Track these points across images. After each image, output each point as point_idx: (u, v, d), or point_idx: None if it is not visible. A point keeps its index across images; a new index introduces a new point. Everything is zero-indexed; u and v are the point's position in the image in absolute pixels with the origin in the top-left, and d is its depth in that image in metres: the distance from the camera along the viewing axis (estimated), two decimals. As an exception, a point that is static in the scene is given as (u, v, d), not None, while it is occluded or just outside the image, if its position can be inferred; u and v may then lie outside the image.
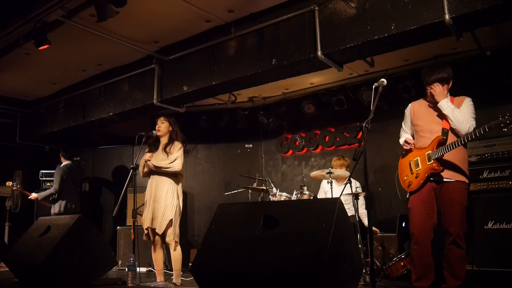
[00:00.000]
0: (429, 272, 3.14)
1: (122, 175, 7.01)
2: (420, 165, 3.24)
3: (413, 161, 3.31)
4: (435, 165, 3.13)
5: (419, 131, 3.35)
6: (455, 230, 3.07)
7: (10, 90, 6.54)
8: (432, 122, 3.26)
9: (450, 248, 3.09)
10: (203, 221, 6.82)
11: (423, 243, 3.15)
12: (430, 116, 3.28)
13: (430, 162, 3.16)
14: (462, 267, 3.09)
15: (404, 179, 3.37)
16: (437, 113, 3.25)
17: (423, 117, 3.33)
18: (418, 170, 3.24)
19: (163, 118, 4.38)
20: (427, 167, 3.18)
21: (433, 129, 3.24)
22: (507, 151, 4.23)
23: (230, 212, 2.72)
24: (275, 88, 6.14)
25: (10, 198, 6.89)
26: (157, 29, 4.75)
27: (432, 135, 3.22)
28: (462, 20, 3.35)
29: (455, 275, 3.08)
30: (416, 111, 3.39)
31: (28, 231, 4.18)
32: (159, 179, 4.21)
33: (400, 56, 5.04)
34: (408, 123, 3.49)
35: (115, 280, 4.48)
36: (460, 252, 3.08)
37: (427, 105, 3.35)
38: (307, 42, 4.10)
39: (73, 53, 5.25)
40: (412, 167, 3.31)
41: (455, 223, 3.07)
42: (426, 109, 3.34)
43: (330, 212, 2.28)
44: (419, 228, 3.18)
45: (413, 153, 3.34)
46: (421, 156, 3.25)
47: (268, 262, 2.26)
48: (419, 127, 3.35)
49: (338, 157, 5.43)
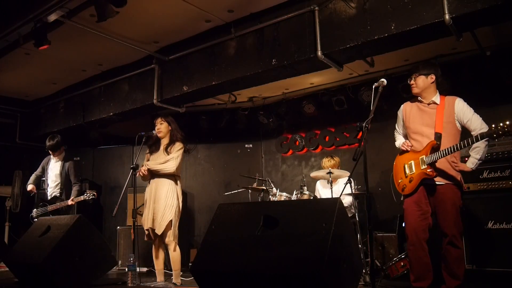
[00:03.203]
0: (427, 272, 3.14)
1: (122, 175, 7.01)
2: (414, 169, 3.24)
3: (407, 164, 3.31)
4: (429, 171, 3.13)
5: (411, 133, 3.35)
6: (450, 231, 3.07)
7: (10, 90, 6.54)
8: (423, 124, 3.26)
9: (447, 249, 3.10)
10: (203, 221, 6.82)
11: (418, 244, 3.17)
12: (421, 119, 3.29)
13: (424, 167, 3.16)
14: (460, 266, 3.09)
15: (398, 182, 3.37)
16: (427, 116, 3.25)
17: (414, 120, 3.33)
18: (412, 174, 3.25)
19: (161, 119, 4.37)
20: (421, 171, 3.18)
21: (424, 132, 3.24)
22: (507, 151, 4.22)
23: (230, 212, 2.72)
24: (275, 88, 6.14)
25: (10, 198, 6.90)
26: (157, 29, 4.75)
27: (424, 138, 3.22)
28: (462, 20, 3.35)
29: (454, 275, 3.09)
30: (408, 113, 3.39)
31: (28, 231, 4.18)
32: (159, 180, 4.21)
33: (400, 56, 5.04)
34: (401, 124, 3.49)
35: (115, 280, 4.49)
36: (457, 252, 3.08)
37: (417, 107, 3.34)
38: (307, 42, 4.10)
39: (73, 53, 5.25)
40: (406, 170, 3.31)
41: (449, 223, 3.08)
42: (417, 111, 3.33)
43: (330, 212, 2.28)
44: (414, 229, 3.19)
45: (407, 156, 3.33)
46: (415, 160, 3.24)
47: (268, 262, 2.26)
48: (410, 130, 3.36)
49: (327, 158, 5.39)
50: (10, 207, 6.85)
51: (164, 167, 4.15)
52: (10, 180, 7.01)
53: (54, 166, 5.35)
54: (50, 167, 5.37)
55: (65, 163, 5.28)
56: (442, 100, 3.25)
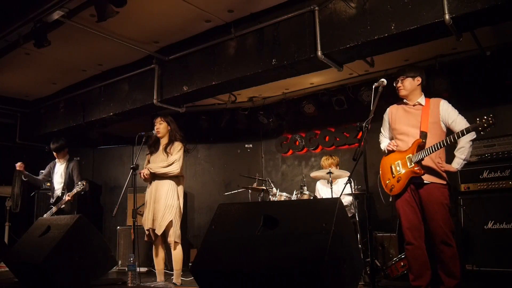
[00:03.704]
0: (426, 271, 3.15)
1: (122, 175, 7.01)
2: (401, 169, 3.24)
3: (394, 164, 3.31)
4: (416, 169, 3.13)
5: (397, 135, 3.37)
6: (441, 229, 3.06)
7: (10, 90, 6.54)
8: (409, 125, 3.28)
9: (440, 248, 3.08)
10: (203, 221, 6.82)
11: (415, 243, 3.18)
12: (406, 120, 3.31)
13: (411, 165, 3.16)
14: (456, 265, 3.07)
15: (386, 183, 3.37)
16: (413, 117, 3.28)
17: (400, 121, 3.35)
18: (400, 173, 3.25)
19: (160, 119, 4.37)
20: (408, 170, 3.18)
21: (410, 132, 3.25)
22: (507, 151, 4.23)
23: (230, 212, 2.72)
24: (275, 88, 6.14)
25: (10, 198, 6.90)
26: (157, 29, 4.74)
27: (410, 138, 3.24)
28: (462, 20, 3.35)
29: (451, 275, 3.07)
30: (393, 115, 3.41)
31: (28, 231, 4.18)
32: (159, 181, 4.21)
33: (400, 56, 5.04)
34: (387, 127, 3.51)
35: (115, 280, 4.49)
36: (451, 251, 3.06)
37: (403, 109, 3.37)
38: (307, 42, 4.10)
39: (73, 53, 5.25)
40: (393, 170, 3.31)
41: (439, 222, 3.07)
42: (402, 112, 3.36)
43: (330, 212, 2.28)
44: (409, 229, 3.21)
45: (394, 156, 3.34)
46: (402, 159, 3.25)
47: (268, 262, 2.26)
48: (396, 131, 3.37)
49: (326, 157, 5.42)
50: (10, 207, 6.85)
51: (169, 170, 4.16)
52: (10, 180, 7.00)
53: (59, 169, 5.53)
54: (56, 171, 5.54)
55: (69, 164, 5.46)
56: (427, 101, 3.29)
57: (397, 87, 3.34)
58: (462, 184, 4.43)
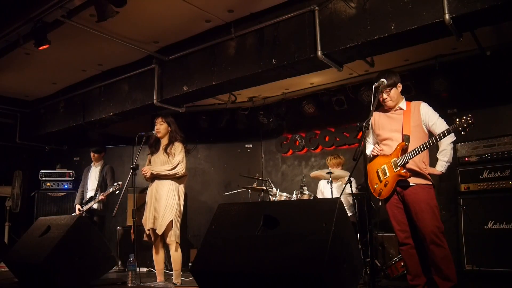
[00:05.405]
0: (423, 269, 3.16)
1: (122, 175, 6.99)
2: (387, 173, 3.24)
3: (380, 169, 3.31)
4: (402, 172, 3.14)
5: (381, 140, 3.38)
6: (429, 229, 3.03)
7: (10, 90, 6.54)
8: (392, 130, 3.29)
9: (431, 249, 3.03)
10: (203, 221, 6.81)
11: (409, 243, 3.19)
12: (389, 125, 3.32)
13: (397, 169, 3.17)
14: (449, 267, 3.01)
15: (374, 188, 3.36)
16: (395, 122, 3.29)
17: (383, 127, 3.36)
18: (387, 177, 3.25)
19: (161, 119, 4.36)
20: (395, 174, 3.19)
21: (393, 137, 3.27)
22: (507, 151, 4.23)
23: (230, 212, 2.72)
24: (275, 88, 6.14)
25: (10, 198, 6.90)
26: (157, 29, 4.75)
27: (394, 142, 3.24)
28: (462, 20, 3.35)
29: (445, 277, 3.01)
30: (376, 121, 3.41)
31: (28, 231, 4.19)
32: (160, 181, 4.21)
33: (400, 56, 5.04)
34: (371, 133, 3.51)
35: (115, 280, 4.49)
36: (442, 252, 3.01)
37: (385, 115, 3.38)
38: (307, 42, 4.10)
39: (73, 53, 5.25)
40: (380, 175, 3.31)
41: (426, 222, 3.04)
42: (385, 118, 3.37)
43: (330, 212, 2.28)
44: (401, 230, 3.22)
45: (379, 160, 3.34)
46: (387, 163, 3.25)
47: (268, 262, 2.26)
48: (380, 137, 3.38)
49: (333, 156, 5.42)
50: (10, 207, 6.86)
51: (175, 172, 4.16)
52: (10, 180, 7.02)
53: (94, 171, 5.77)
54: (90, 174, 5.79)
55: (104, 167, 5.73)
56: (408, 105, 3.30)
57: (384, 99, 3.30)
58: (462, 184, 4.43)
